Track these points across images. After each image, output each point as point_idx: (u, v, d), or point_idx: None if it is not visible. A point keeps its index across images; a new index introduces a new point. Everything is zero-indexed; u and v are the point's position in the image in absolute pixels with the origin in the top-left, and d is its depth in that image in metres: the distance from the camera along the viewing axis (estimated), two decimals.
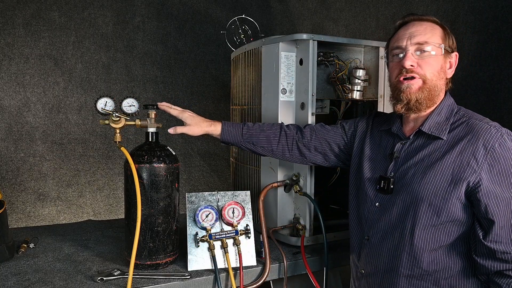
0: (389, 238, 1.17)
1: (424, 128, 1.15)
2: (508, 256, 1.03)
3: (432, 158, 1.11)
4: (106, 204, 2.63)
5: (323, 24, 2.73)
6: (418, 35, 1.13)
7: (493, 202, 1.03)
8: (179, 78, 2.78)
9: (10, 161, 2.36)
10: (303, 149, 1.40)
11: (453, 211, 1.07)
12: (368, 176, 1.26)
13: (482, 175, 1.03)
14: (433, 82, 1.12)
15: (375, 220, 1.21)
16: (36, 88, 2.40)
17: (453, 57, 1.16)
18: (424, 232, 1.10)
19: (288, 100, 1.57)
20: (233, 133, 1.40)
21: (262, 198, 1.56)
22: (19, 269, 1.34)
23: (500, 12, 1.58)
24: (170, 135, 1.39)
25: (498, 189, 1.03)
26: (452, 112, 1.15)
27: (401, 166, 1.17)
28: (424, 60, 1.12)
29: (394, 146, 1.22)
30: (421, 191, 1.10)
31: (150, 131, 1.38)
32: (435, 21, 1.15)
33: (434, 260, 1.11)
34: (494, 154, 1.03)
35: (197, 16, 2.80)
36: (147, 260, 1.33)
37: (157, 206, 1.32)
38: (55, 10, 2.41)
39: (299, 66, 1.55)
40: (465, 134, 1.09)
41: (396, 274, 1.15)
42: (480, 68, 1.63)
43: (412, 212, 1.12)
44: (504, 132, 1.06)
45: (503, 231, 1.03)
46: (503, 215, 1.03)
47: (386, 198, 1.19)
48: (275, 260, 1.46)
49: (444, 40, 1.13)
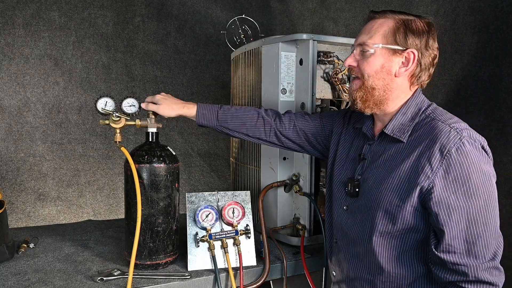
0: (353, 242, 1.15)
1: (387, 130, 1.10)
2: (459, 267, 0.95)
3: (392, 162, 1.06)
4: (106, 204, 2.63)
5: (323, 24, 2.73)
6: (361, 35, 1.11)
7: (444, 211, 0.96)
8: (179, 78, 2.78)
9: (10, 161, 2.36)
10: (280, 136, 1.38)
11: (409, 219, 1.02)
12: (338, 177, 1.24)
13: (435, 182, 0.96)
14: (370, 82, 1.09)
15: (342, 224, 1.19)
16: (36, 88, 2.40)
17: (410, 54, 1.06)
18: (381, 239, 1.07)
19: (288, 100, 1.57)
20: (208, 116, 1.36)
21: (262, 198, 1.56)
22: (19, 269, 1.34)
23: (500, 12, 1.58)
24: (170, 135, 1.39)
25: (452, 197, 0.96)
26: (419, 111, 1.09)
27: (367, 168, 1.14)
28: (363, 60, 1.10)
29: (363, 146, 1.18)
30: (378, 198, 1.06)
31: (150, 131, 1.38)
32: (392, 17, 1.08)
33: (395, 267, 1.06)
34: (450, 159, 0.95)
35: (197, 16, 2.80)
36: (147, 260, 1.33)
37: (157, 206, 1.32)
38: (55, 10, 2.41)
39: (299, 66, 1.55)
40: (425, 136, 1.02)
41: (361, 279, 1.13)
42: (480, 68, 1.63)
43: (370, 218, 1.08)
44: (465, 135, 0.97)
45: (455, 242, 0.95)
46: (456, 224, 0.95)
47: (353, 202, 1.16)
48: (275, 260, 1.46)
49: (389, 38, 1.06)
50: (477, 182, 0.95)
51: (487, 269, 0.95)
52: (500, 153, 1.50)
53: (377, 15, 1.10)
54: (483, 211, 0.96)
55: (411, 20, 1.08)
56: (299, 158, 1.57)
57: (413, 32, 1.06)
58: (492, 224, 0.97)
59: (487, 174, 0.97)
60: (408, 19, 1.08)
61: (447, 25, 1.73)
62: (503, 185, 1.45)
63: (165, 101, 1.35)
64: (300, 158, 1.57)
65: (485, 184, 0.96)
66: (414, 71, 1.09)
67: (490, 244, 0.96)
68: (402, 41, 1.06)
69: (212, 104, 1.39)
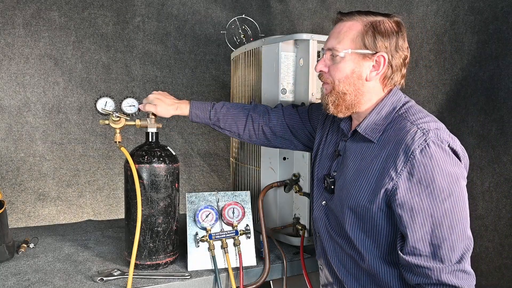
0: (333, 237, 1.16)
1: (360, 129, 1.09)
2: (424, 270, 0.95)
3: (362, 162, 1.07)
4: (106, 204, 2.63)
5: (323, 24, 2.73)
6: (330, 39, 1.10)
7: (407, 213, 0.95)
8: (179, 78, 2.78)
9: (10, 161, 2.36)
10: (268, 133, 1.39)
11: (377, 221, 1.02)
12: (316, 173, 1.25)
13: (399, 184, 0.96)
14: (340, 88, 1.09)
15: (322, 218, 1.20)
16: (36, 88, 2.40)
17: (380, 58, 1.05)
18: (354, 238, 1.07)
19: (288, 100, 1.57)
20: (201, 116, 1.40)
21: (262, 198, 1.56)
22: (19, 269, 1.34)
23: (500, 12, 1.58)
24: (170, 135, 1.39)
25: (415, 199, 0.94)
26: (394, 110, 1.07)
27: (341, 165, 1.14)
28: (333, 66, 1.09)
29: (340, 142, 1.19)
30: (347, 199, 1.07)
31: (150, 131, 1.38)
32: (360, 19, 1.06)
33: (371, 265, 1.06)
34: (414, 161, 0.94)
35: (197, 16, 2.80)
36: (147, 260, 1.33)
37: (157, 206, 1.32)
38: (55, 10, 2.41)
39: (299, 66, 1.55)
40: (394, 136, 1.01)
41: (344, 272, 1.14)
42: (480, 68, 1.63)
43: (342, 217, 1.09)
44: (431, 136, 0.95)
45: (419, 244, 0.95)
46: (420, 227, 0.94)
47: (330, 198, 1.17)
48: (275, 260, 1.46)
49: (358, 42, 1.05)
50: (442, 184, 0.93)
51: (452, 272, 0.93)
52: (500, 153, 1.50)
53: (345, 17, 1.08)
54: (448, 214, 0.94)
55: (379, 21, 1.06)
56: (299, 158, 1.57)
57: (382, 34, 1.04)
58: (459, 226, 0.95)
59: (454, 175, 0.95)
60: (376, 20, 1.06)
61: (447, 25, 1.72)
62: (503, 185, 1.45)
63: (160, 102, 1.36)
64: (300, 158, 1.57)
65: (450, 186, 0.94)
66: (386, 73, 1.08)
67: (457, 247, 0.94)
68: (371, 45, 1.05)
69: (205, 102, 1.42)
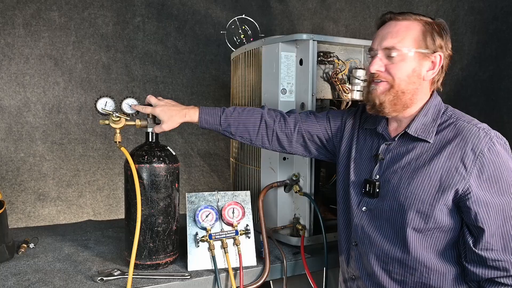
0: (378, 244, 1.14)
1: (410, 131, 1.11)
2: (500, 263, 1.00)
3: (419, 162, 1.08)
4: (106, 204, 2.63)
5: (323, 24, 2.73)
6: (387, 39, 1.09)
7: (483, 209, 1.00)
8: (179, 78, 2.78)
9: (10, 161, 2.36)
10: (283, 140, 1.35)
11: (441, 218, 1.05)
12: (353, 178, 1.23)
13: (471, 182, 1.00)
14: (401, 87, 1.08)
15: (363, 225, 1.18)
16: (36, 88, 2.40)
17: (436, 57, 1.08)
18: (412, 239, 1.07)
19: (288, 100, 1.57)
20: (211, 122, 1.33)
21: (262, 198, 1.56)
22: (19, 269, 1.34)
23: (500, 12, 1.58)
24: (170, 135, 1.39)
25: (487, 195, 1.00)
26: (439, 112, 1.11)
27: (387, 169, 1.14)
28: (392, 65, 1.08)
29: (379, 147, 1.18)
30: (408, 198, 1.07)
31: (150, 131, 1.38)
32: (416, 19, 1.08)
33: (424, 266, 1.08)
34: (483, 159, 1.00)
35: (197, 16, 2.80)
36: (147, 260, 1.33)
37: (157, 206, 1.32)
38: (55, 10, 2.41)
39: (299, 66, 1.55)
40: (453, 136, 1.05)
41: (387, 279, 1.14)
42: (480, 68, 1.63)
43: (400, 219, 1.09)
44: (493, 135, 1.02)
45: (493, 239, 1.00)
46: (494, 222, 1.00)
47: (373, 203, 1.16)
48: (275, 260, 1.46)
49: (420, 42, 1.07)
50: (509, 179, 1.01)
51: None
52: None
53: (400, 16, 1.10)
54: None
55: (433, 22, 1.09)
56: (299, 158, 1.57)
57: (439, 34, 1.08)
58: None
59: None
60: (430, 21, 1.09)
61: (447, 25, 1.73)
62: None
63: (166, 115, 1.30)
64: (300, 158, 1.57)
65: None
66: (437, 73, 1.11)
67: None
68: (431, 44, 1.07)
69: (214, 108, 1.35)
